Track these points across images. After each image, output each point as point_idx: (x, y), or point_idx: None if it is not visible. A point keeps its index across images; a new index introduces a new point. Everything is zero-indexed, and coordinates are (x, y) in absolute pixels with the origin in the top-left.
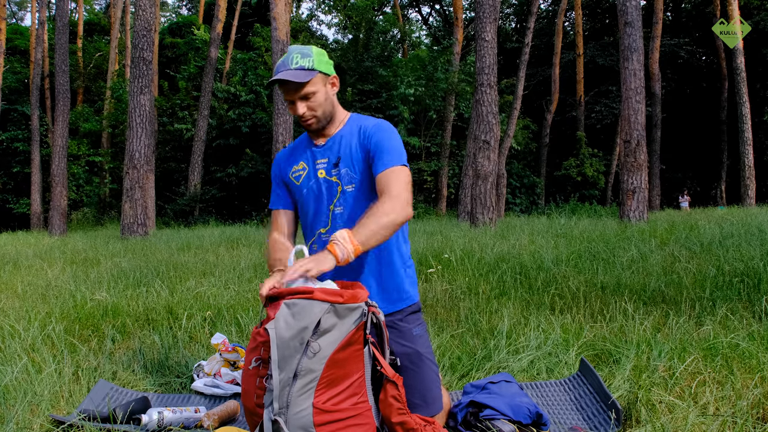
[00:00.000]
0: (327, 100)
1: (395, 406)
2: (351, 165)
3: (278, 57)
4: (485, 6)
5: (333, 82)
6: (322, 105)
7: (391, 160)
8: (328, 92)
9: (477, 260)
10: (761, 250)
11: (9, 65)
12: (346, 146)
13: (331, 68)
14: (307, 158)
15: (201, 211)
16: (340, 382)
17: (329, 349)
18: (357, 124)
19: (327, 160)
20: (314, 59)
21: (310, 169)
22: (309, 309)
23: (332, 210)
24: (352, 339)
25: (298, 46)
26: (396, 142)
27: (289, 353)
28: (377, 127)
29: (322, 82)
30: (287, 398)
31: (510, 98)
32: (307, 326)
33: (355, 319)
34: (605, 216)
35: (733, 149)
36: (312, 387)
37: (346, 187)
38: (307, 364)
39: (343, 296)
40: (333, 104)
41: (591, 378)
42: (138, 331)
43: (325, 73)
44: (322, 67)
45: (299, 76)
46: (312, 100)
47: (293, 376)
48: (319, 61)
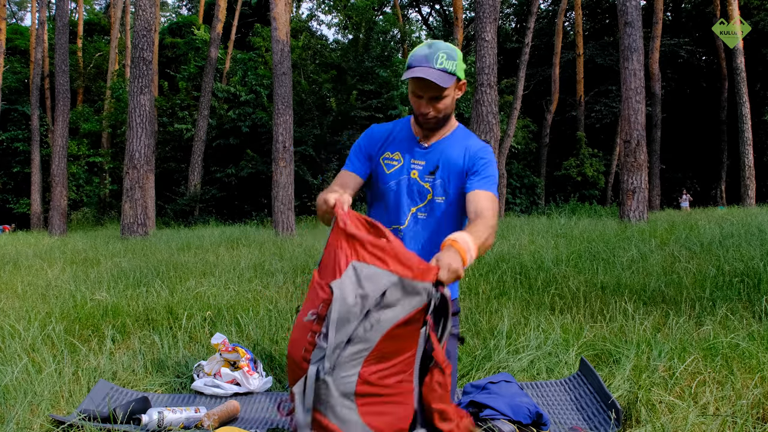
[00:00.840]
0: (452, 103)
1: (438, 393)
2: (447, 179)
3: (278, 57)
4: (485, 6)
5: (461, 87)
6: (448, 108)
7: (489, 186)
8: (454, 97)
9: (477, 260)
10: (761, 250)
11: (9, 65)
12: (447, 158)
13: (463, 74)
14: (405, 151)
15: (201, 211)
16: (391, 358)
17: (388, 324)
18: (464, 141)
19: (424, 163)
20: (457, 63)
21: (406, 164)
22: (377, 278)
23: (413, 212)
24: (413, 318)
25: (444, 44)
26: (495, 171)
27: (348, 318)
28: (484, 151)
29: (455, 86)
30: (335, 360)
31: (510, 98)
32: (371, 295)
33: (420, 298)
34: (605, 216)
35: (733, 149)
36: (363, 356)
37: (437, 198)
38: (363, 334)
39: (414, 270)
40: (453, 108)
41: (591, 378)
42: (138, 331)
43: (460, 79)
44: (460, 73)
45: (443, 80)
46: (441, 102)
47: (347, 341)
48: (460, 67)
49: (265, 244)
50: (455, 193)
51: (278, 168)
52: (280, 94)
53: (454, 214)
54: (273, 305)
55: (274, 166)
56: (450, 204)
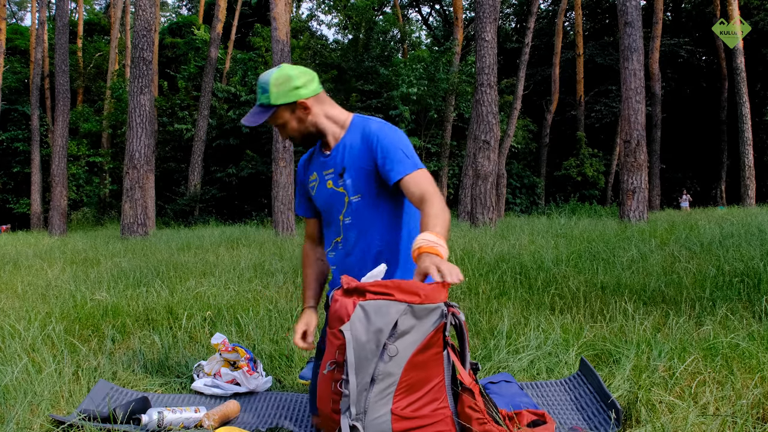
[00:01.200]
0: (302, 124)
1: (474, 417)
2: (355, 175)
3: (278, 57)
4: (485, 6)
5: (303, 107)
6: (298, 130)
7: (409, 166)
8: (300, 117)
9: (477, 260)
10: (761, 250)
11: (9, 65)
12: (350, 155)
13: (296, 94)
14: (318, 168)
15: (201, 211)
16: (420, 387)
17: (407, 352)
18: (360, 130)
19: (333, 170)
20: (271, 95)
21: (321, 179)
22: (385, 310)
23: (342, 220)
24: (431, 341)
25: (262, 78)
26: (404, 144)
27: (365, 356)
28: (381, 131)
29: (288, 110)
30: (365, 404)
31: (510, 98)
32: (383, 328)
33: (434, 320)
34: (605, 216)
35: (733, 149)
36: (390, 392)
37: (352, 198)
38: (384, 368)
39: (421, 295)
40: (313, 124)
41: (591, 378)
42: (138, 331)
43: (287, 103)
44: (281, 100)
45: (256, 118)
46: (285, 129)
47: (370, 380)
48: (278, 95)
49: (265, 244)
50: (370, 186)
51: (278, 168)
52: None
53: (375, 209)
54: (273, 305)
55: (274, 166)
56: (368, 199)
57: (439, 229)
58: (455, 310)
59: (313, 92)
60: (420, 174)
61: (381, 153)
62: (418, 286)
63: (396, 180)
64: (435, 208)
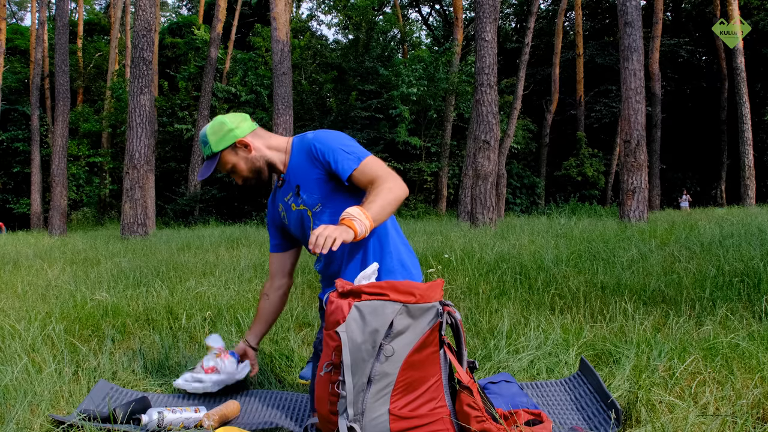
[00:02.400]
0: (249, 162)
1: (473, 414)
2: (308, 188)
3: (278, 57)
4: (485, 6)
5: (243, 145)
6: (247, 169)
7: (352, 160)
8: (244, 156)
9: (477, 260)
10: (761, 250)
11: (9, 65)
12: (300, 173)
13: (232, 136)
14: (280, 199)
15: (201, 211)
16: (417, 387)
17: (404, 352)
18: (301, 147)
19: (291, 193)
20: (211, 144)
21: (286, 207)
22: (381, 310)
23: None
24: (428, 341)
25: (201, 133)
26: (341, 142)
27: (362, 357)
28: (317, 139)
29: (232, 153)
30: (362, 404)
31: (510, 98)
32: (379, 329)
33: (429, 319)
34: (605, 216)
35: (733, 149)
36: (387, 392)
37: (314, 209)
38: (381, 368)
39: (416, 295)
40: (258, 158)
41: (591, 378)
42: (138, 331)
43: (227, 146)
44: (220, 146)
45: (206, 170)
46: (237, 172)
47: (367, 381)
48: (217, 142)
49: (265, 244)
50: (325, 193)
51: None
52: (280, 94)
53: (336, 214)
54: None
55: None
56: (328, 206)
57: (370, 205)
58: (451, 309)
59: (249, 129)
60: (366, 163)
61: (325, 157)
62: (414, 285)
63: (346, 177)
64: (378, 187)
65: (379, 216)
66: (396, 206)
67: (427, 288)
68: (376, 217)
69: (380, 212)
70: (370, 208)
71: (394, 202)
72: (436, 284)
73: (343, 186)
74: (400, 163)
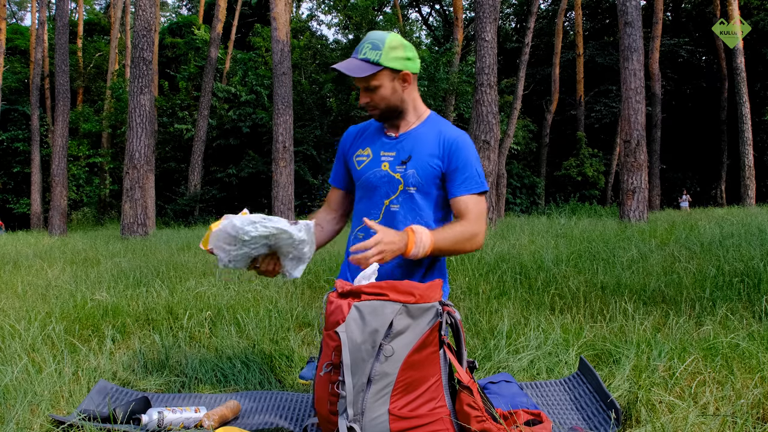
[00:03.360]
0: (395, 95)
1: (473, 414)
2: (421, 168)
3: (278, 57)
4: (485, 6)
5: (404, 78)
6: (387, 99)
7: (474, 186)
8: (396, 87)
9: (477, 260)
10: (761, 250)
11: (9, 65)
12: (419, 148)
13: (404, 64)
14: (374, 146)
15: (201, 211)
16: (417, 387)
17: (403, 352)
18: (437, 128)
19: (395, 154)
20: (383, 53)
21: (375, 157)
22: (380, 310)
23: (387, 205)
24: (427, 341)
25: (374, 34)
26: (476, 161)
27: (361, 357)
28: (461, 141)
29: (389, 77)
30: (362, 404)
31: (510, 98)
32: (379, 329)
33: (429, 319)
34: (605, 216)
35: (733, 149)
36: (387, 392)
37: (409, 188)
38: (380, 369)
39: (416, 295)
40: (403, 100)
41: (590, 377)
42: (138, 331)
43: (394, 68)
44: (390, 63)
45: (357, 70)
46: (376, 93)
47: (367, 381)
48: (389, 57)
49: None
50: (429, 183)
51: (278, 168)
52: (280, 94)
53: (428, 205)
54: (273, 305)
55: (274, 166)
56: (424, 195)
57: (442, 238)
58: (450, 308)
59: (417, 70)
60: (478, 200)
61: (455, 162)
62: (413, 285)
63: (459, 195)
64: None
65: (443, 248)
66: (461, 252)
67: (427, 288)
68: (440, 247)
69: (446, 246)
70: (439, 236)
71: (463, 248)
72: (436, 284)
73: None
74: None
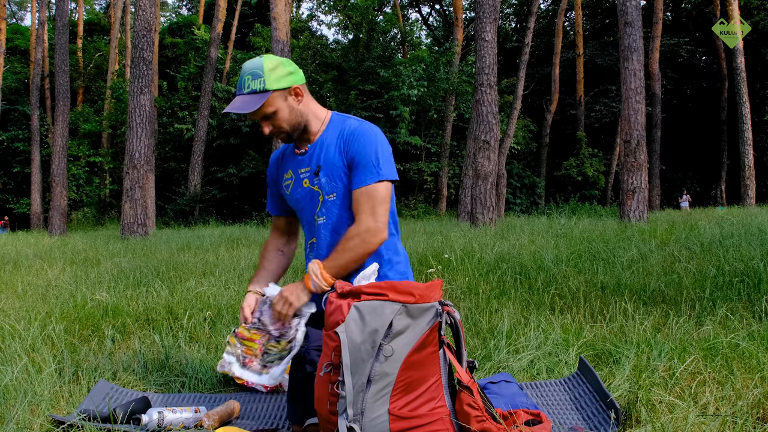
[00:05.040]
0: (293, 112)
1: (473, 414)
2: (331, 174)
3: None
4: (485, 6)
5: (295, 93)
6: (288, 120)
7: (367, 177)
8: (291, 105)
9: (477, 260)
10: (761, 250)
11: (9, 65)
12: (326, 153)
13: (290, 80)
14: (293, 167)
15: (201, 211)
16: (417, 387)
17: (403, 352)
18: (339, 126)
19: (309, 168)
20: (265, 78)
21: (296, 177)
22: (380, 310)
23: (316, 220)
24: (427, 341)
25: (250, 63)
26: (374, 149)
27: (361, 357)
28: (358, 131)
29: (282, 97)
30: (362, 404)
31: (510, 98)
32: (378, 329)
33: (428, 319)
34: (605, 216)
35: (733, 149)
36: (387, 392)
37: (328, 197)
38: (380, 369)
39: (415, 295)
40: (301, 114)
41: (590, 377)
42: (138, 331)
43: (282, 88)
44: (277, 84)
45: (250, 105)
46: (276, 118)
47: (367, 381)
48: (272, 79)
49: None
50: (344, 188)
51: None
52: None
53: (348, 209)
54: None
55: None
56: (342, 198)
57: (333, 251)
58: (450, 308)
59: (303, 80)
60: (371, 189)
61: (352, 153)
62: (413, 285)
63: (353, 189)
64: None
65: (340, 274)
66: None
67: (427, 288)
68: (337, 275)
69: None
70: (331, 266)
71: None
72: (435, 284)
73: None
74: (401, 163)
